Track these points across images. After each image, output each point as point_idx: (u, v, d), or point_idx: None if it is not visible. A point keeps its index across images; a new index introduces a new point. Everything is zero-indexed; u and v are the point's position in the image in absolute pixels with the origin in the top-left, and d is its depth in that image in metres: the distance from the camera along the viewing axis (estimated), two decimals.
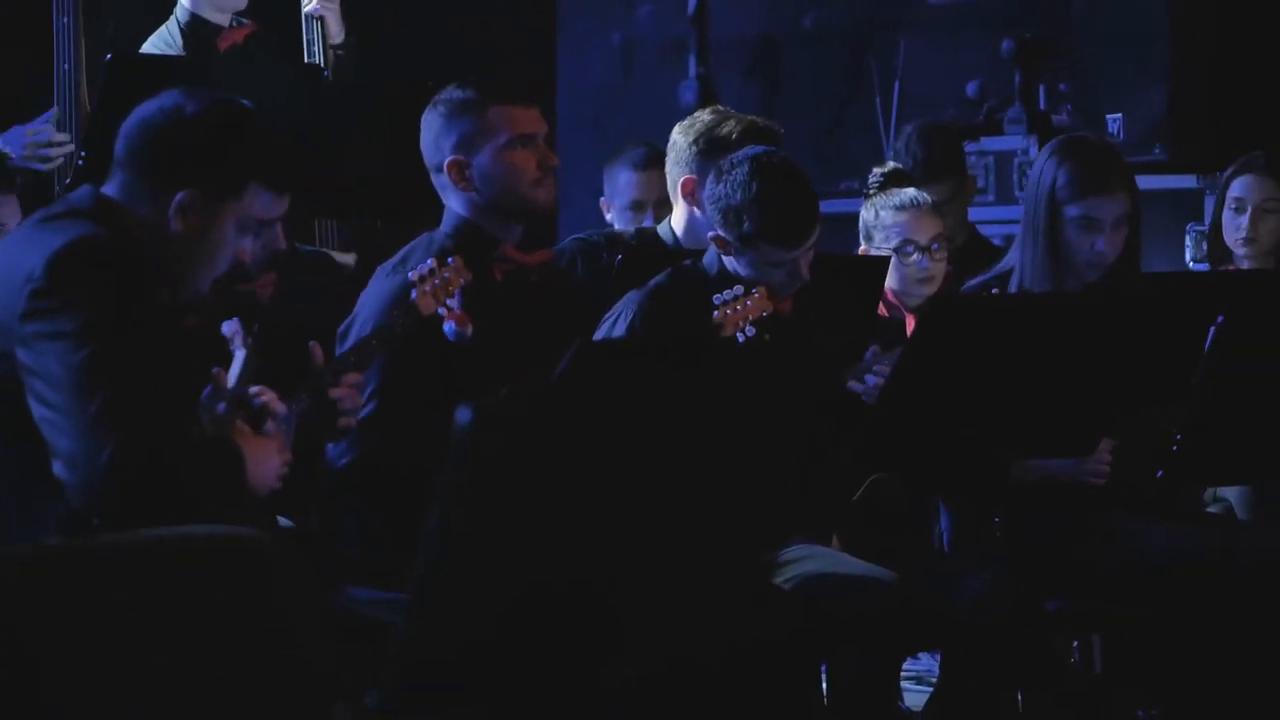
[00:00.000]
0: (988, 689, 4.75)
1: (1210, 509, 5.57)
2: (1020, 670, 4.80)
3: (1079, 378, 4.51)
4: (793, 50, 9.10)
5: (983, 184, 7.77)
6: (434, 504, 2.89)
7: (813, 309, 4.86)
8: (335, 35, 6.22)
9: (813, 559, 4.69)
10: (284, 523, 4.37)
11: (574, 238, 5.49)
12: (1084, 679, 5.18)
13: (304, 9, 6.17)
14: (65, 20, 5.63)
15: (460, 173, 4.56)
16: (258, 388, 3.82)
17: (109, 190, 3.78)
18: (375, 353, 4.16)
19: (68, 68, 5.64)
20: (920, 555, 4.95)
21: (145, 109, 3.81)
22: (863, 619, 4.59)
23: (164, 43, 6.00)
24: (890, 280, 5.51)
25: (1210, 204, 6.35)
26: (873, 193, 5.67)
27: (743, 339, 4.53)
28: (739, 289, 4.60)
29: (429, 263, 4.23)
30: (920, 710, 5.43)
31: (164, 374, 3.57)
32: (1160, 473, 4.56)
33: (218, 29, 6.06)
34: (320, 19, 6.16)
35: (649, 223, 5.80)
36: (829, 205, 7.65)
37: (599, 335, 4.69)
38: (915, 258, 5.52)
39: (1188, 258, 6.79)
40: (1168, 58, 7.04)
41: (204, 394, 3.75)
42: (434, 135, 4.59)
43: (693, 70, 8.78)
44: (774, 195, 4.67)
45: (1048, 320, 4.57)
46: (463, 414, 2.77)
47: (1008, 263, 4.98)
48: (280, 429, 3.81)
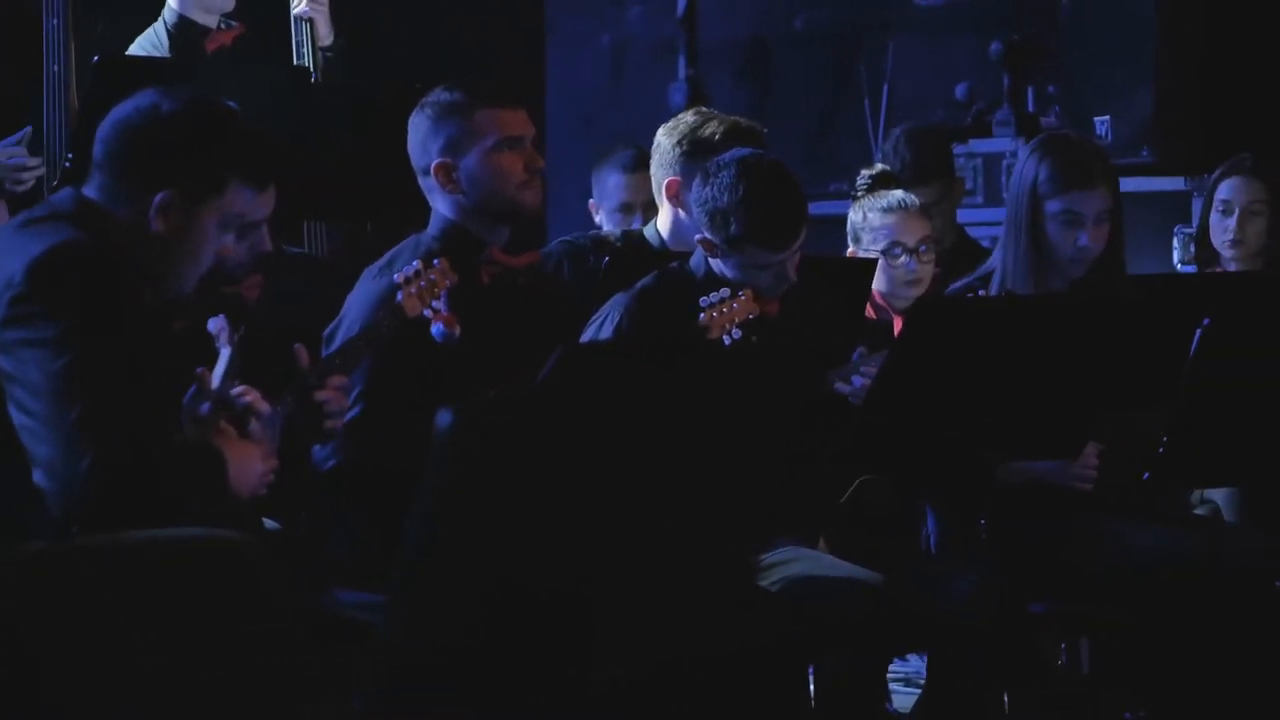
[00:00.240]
0: (974, 691, 4.75)
1: (1197, 511, 5.57)
2: (1006, 672, 4.80)
3: (1065, 379, 4.51)
4: (783, 52, 9.09)
5: (971, 186, 7.76)
6: (414, 506, 2.89)
7: (800, 311, 4.86)
8: (324, 37, 6.22)
9: (799, 561, 4.69)
10: (271, 525, 4.37)
11: (560, 240, 5.49)
12: (1071, 680, 5.18)
13: (293, 11, 6.17)
14: (55, 22, 5.63)
15: (447, 175, 4.55)
16: (242, 388, 3.81)
17: (89, 192, 3.75)
18: (361, 355, 4.16)
19: (57, 69, 5.63)
20: (907, 557, 4.95)
21: (121, 110, 3.78)
22: (849, 621, 4.59)
23: (150, 44, 5.99)
24: (878, 282, 5.51)
25: (1198, 206, 6.36)
26: (861, 195, 5.68)
27: (729, 341, 4.53)
28: (725, 291, 4.59)
29: (415, 264, 4.23)
30: (908, 712, 5.44)
31: (145, 380, 3.55)
32: (1146, 475, 4.56)
33: (205, 31, 6.06)
34: (309, 21, 6.16)
35: (638, 225, 5.80)
36: (818, 207, 7.65)
37: (585, 338, 4.68)
38: (903, 260, 5.52)
39: (1175, 260, 6.80)
40: (1155, 60, 7.04)
41: (187, 395, 3.75)
42: (421, 137, 4.59)
43: (683, 72, 8.77)
44: (761, 197, 4.66)
45: (1034, 322, 4.57)
46: (443, 417, 2.77)
47: (991, 264, 4.98)
48: (265, 429, 3.80)
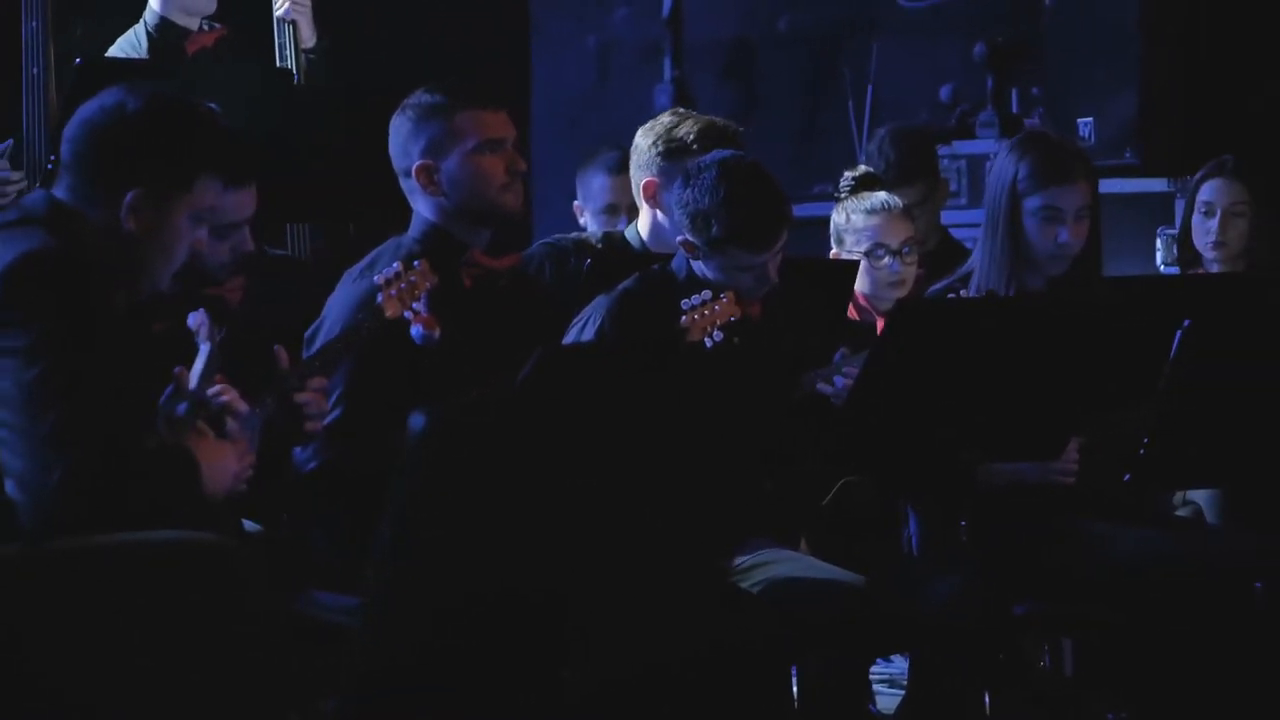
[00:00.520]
0: (957, 693, 4.75)
1: (1179, 512, 5.58)
2: (989, 674, 4.80)
3: (1046, 381, 4.50)
4: (767, 53, 9.09)
5: (955, 187, 7.76)
6: (387, 509, 2.89)
7: (782, 313, 4.85)
8: (307, 39, 6.22)
9: (781, 563, 4.68)
10: (252, 527, 4.37)
11: (542, 242, 5.48)
12: (1054, 681, 5.18)
13: (276, 13, 6.17)
14: (34, 24, 5.62)
15: (428, 177, 4.55)
16: (219, 387, 3.80)
17: (59, 193, 3.72)
18: (341, 357, 4.16)
19: (36, 72, 5.63)
20: (888, 559, 4.95)
21: (87, 109, 3.75)
22: (831, 623, 4.59)
23: (129, 46, 5.99)
24: (861, 284, 5.51)
25: (1181, 208, 6.36)
26: (844, 196, 5.68)
27: (710, 344, 4.52)
28: (707, 294, 4.59)
29: (395, 266, 4.23)
30: (892, 714, 5.44)
31: (118, 387, 3.53)
32: (1128, 476, 4.56)
33: (185, 32, 6.05)
34: (292, 23, 6.16)
35: (623, 226, 5.79)
36: (802, 209, 7.65)
37: (567, 340, 4.68)
38: (886, 261, 5.53)
39: (1158, 261, 6.81)
40: (1139, 63, 7.05)
41: (164, 395, 3.73)
42: (402, 140, 4.59)
43: (668, 73, 8.76)
44: (742, 199, 4.66)
45: (1015, 323, 4.56)
46: (415, 419, 2.77)
47: (970, 265, 4.98)
48: (243, 430, 3.79)
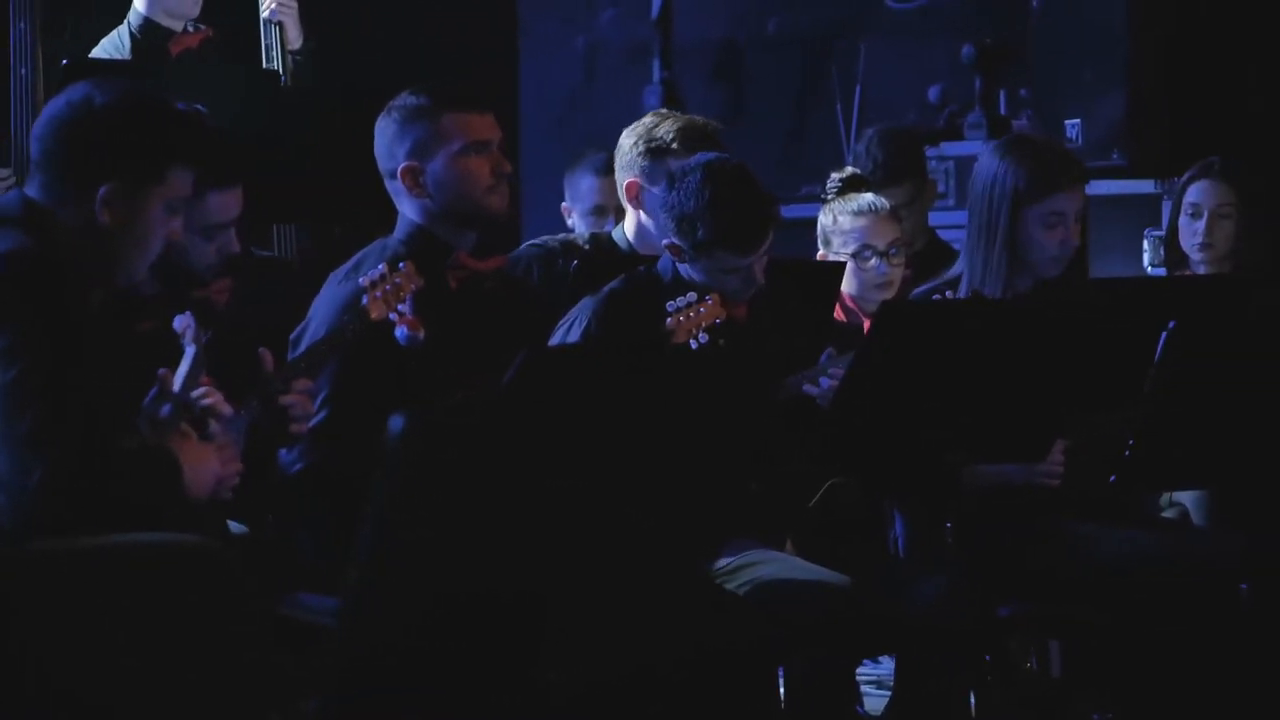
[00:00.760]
0: (943, 694, 4.76)
1: (1166, 513, 5.58)
2: (974, 674, 4.81)
3: (1031, 382, 4.51)
4: (756, 55, 9.08)
5: (943, 188, 7.76)
6: (366, 510, 2.89)
7: (768, 314, 4.85)
8: (293, 40, 6.22)
9: (767, 564, 4.68)
10: (238, 529, 4.37)
11: (530, 244, 5.48)
12: (1040, 682, 5.19)
13: (262, 14, 6.17)
14: (22, 25, 5.62)
15: (414, 179, 4.55)
16: (203, 389, 3.79)
17: (31, 192, 3.71)
18: (326, 359, 4.16)
19: (25, 72, 5.63)
20: (874, 560, 4.95)
21: (54, 106, 3.74)
22: (817, 624, 4.59)
23: (113, 47, 5.99)
24: (848, 285, 5.51)
25: (1169, 209, 6.37)
26: (831, 198, 5.67)
27: (695, 345, 4.52)
28: (692, 296, 4.59)
29: (380, 268, 4.23)
30: (880, 714, 5.44)
31: (97, 387, 3.53)
32: (1113, 477, 4.56)
33: (169, 33, 6.05)
34: (279, 24, 6.16)
35: (611, 228, 5.80)
36: (790, 210, 7.66)
37: (554, 341, 4.68)
38: (873, 263, 5.52)
39: (1146, 262, 6.82)
40: (1126, 64, 7.06)
41: (148, 397, 3.73)
42: (388, 142, 4.59)
43: (656, 75, 8.76)
44: (727, 201, 4.65)
45: (1000, 324, 4.56)
46: (394, 421, 2.76)
47: (955, 270, 4.98)
48: (227, 432, 3.79)
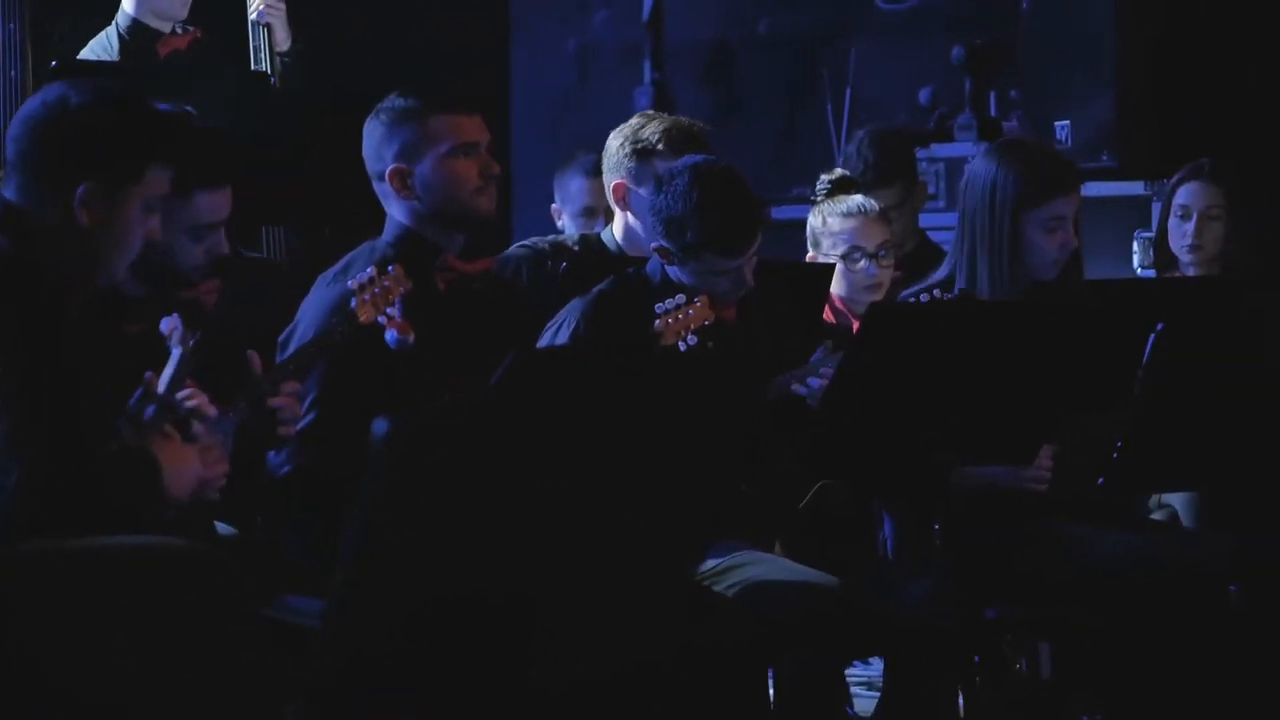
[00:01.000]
0: (931, 696, 4.76)
1: (1155, 515, 5.59)
2: (963, 676, 4.81)
3: (1019, 384, 4.51)
4: (747, 56, 9.09)
5: (933, 190, 7.77)
6: (352, 514, 2.89)
7: (757, 316, 4.85)
8: (282, 42, 6.21)
9: (756, 565, 4.69)
10: (226, 530, 4.37)
11: (520, 245, 5.48)
12: (1030, 684, 5.19)
13: (250, 16, 6.16)
14: (11, 27, 5.63)
15: (402, 181, 4.55)
16: (188, 390, 3.79)
17: (8, 194, 3.69)
18: (315, 361, 4.16)
19: (14, 74, 5.64)
20: (863, 562, 4.95)
21: (29, 107, 3.72)
22: (806, 625, 4.59)
23: (101, 48, 5.98)
24: (838, 287, 5.51)
25: (1158, 210, 6.37)
26: (820, 200, 5.67)
27: (684, 347, 4.52)
28: (680, 298, 4.59)
29: (369, 271, 4.22)
30: (869, 716, 5.44)
31: (76, 388, 3.53)
32: (1101, 479, 4.56)
33: (157, 35, 6.04)
34: (267, 26, 6.16)
35: (600, 229, 5.80)
36: (781, 211, 7.67)
37: (542, 343, 4.68)
38: (863, 264, 5.52)
39: (1136, 264, 6.82)
40: (1115, 66, 7.06)
41: (133, 399, 3.73)
42: (376, 144, 4.59)
43: (648, 76, 8.76)
44: (715, 204, 4.65)
45: (989, 326, 4.57)
46: (379, 425, 2.76)
47: (943, 272, 4.98)
48: (214, 434, 3.79)
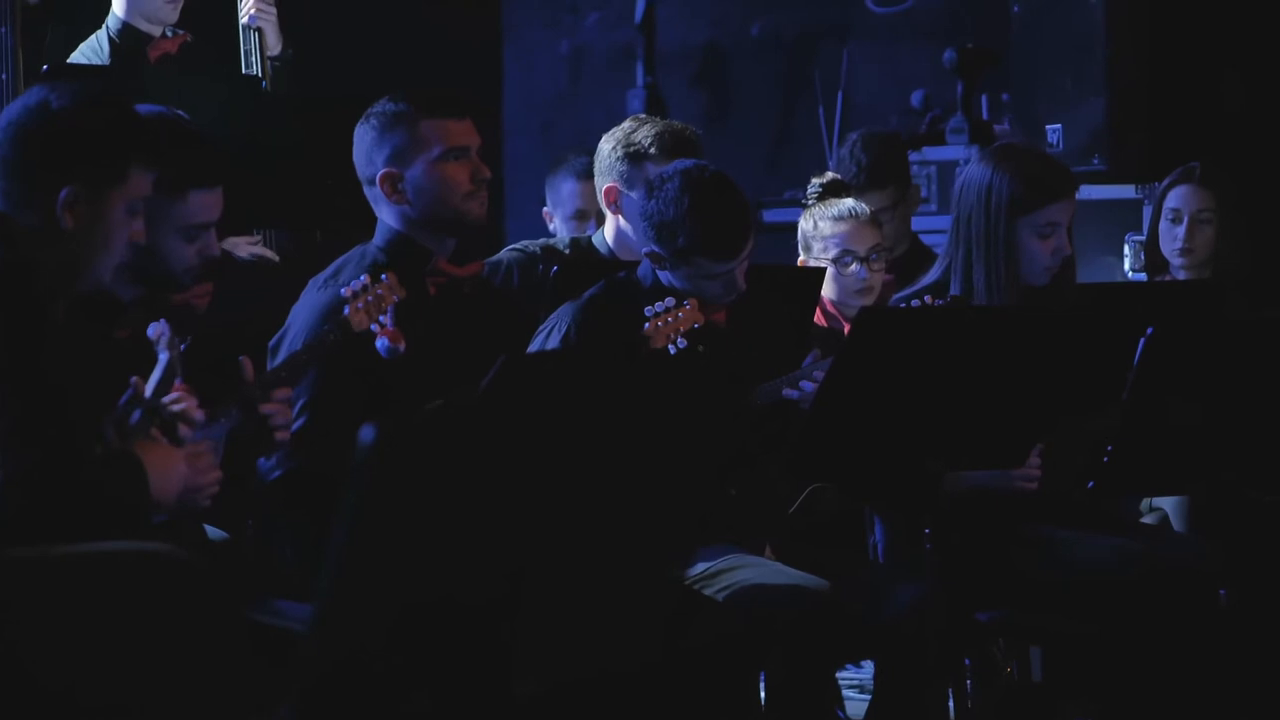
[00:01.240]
0: (921, 699, 4.76)
1: (1146, 519, 5.59)
2: (954, 679, 4.82)
3: (1009, 388, 4.51)
4: (739, 59, 9.11)
5: (926, 193, 7.77)
6: (337, 520, 2.88)
7: (748, 319, 4.85)
8: (273, 46, 6.21)
9: (746, 568, 4.69)
10: (217, 535, 4.37)
11: (510, 248, 5.49)
12: (1021, 687, 5.20)
13: (241, 20, 6.16)
14: (3, 30, 5.62)
15: (393, 186, 4.56)
16: (175, 394, 3.79)
17: None
18: (306, 367, 4.16)
19: (6, 77, 5.63)
20: (854, 565, 4.96)
21: (11, 110, 3.73)
22: (796, 629, 4.60)
23: (92, 51, 5.99)
24: (829, 290, 5.51)
25: (1149, 214, 6.38)
26: (811, 203, 5.67)
27: (674, 351, 4.53)
28: (670, 301, 4.59)
29: (362, 279, 4.21)
30: (860, 719, 5.45)
31: (61, 393, 3.52)
32: (1091, 483, 4.57)
33: (148, 38, 6.04)
34: (258, 30, 6.16)
35: (592, 232, 5.80)
36: (774, 214, 7.68)
37: (533, 347, 4.68)
38: (854, 268, 5.52)
39: (1127, 267, 6.83)
40: (1106, 69, 7.06)
41: (120, 403, 3.73)
42: (366, 148, 4.59)
43: (640, 79, 8.77)
44: (706, 208, 4.66)
45: (979, 330, 4.57)
46: (365, 432, 2.76)
47: (935, 276, 4.98)
48: (204, 439, 3.79)
